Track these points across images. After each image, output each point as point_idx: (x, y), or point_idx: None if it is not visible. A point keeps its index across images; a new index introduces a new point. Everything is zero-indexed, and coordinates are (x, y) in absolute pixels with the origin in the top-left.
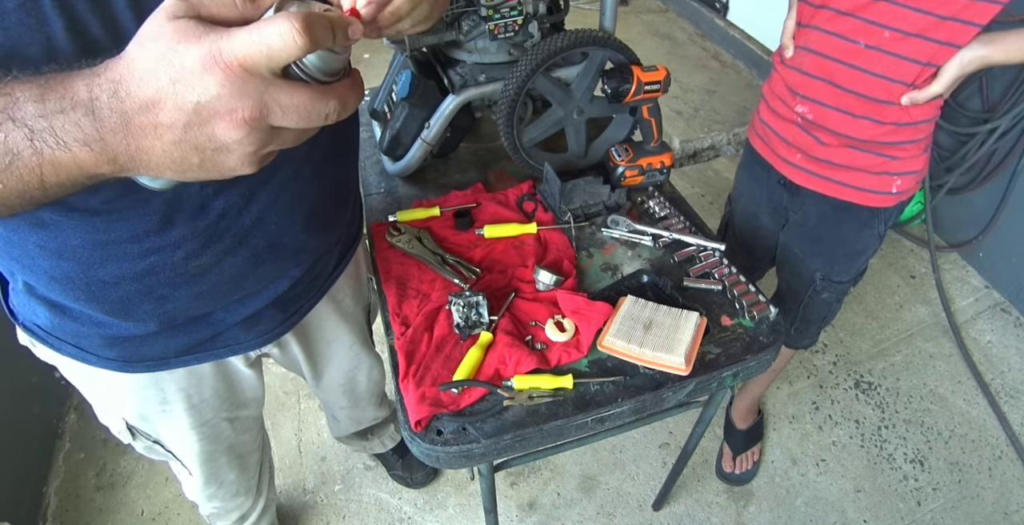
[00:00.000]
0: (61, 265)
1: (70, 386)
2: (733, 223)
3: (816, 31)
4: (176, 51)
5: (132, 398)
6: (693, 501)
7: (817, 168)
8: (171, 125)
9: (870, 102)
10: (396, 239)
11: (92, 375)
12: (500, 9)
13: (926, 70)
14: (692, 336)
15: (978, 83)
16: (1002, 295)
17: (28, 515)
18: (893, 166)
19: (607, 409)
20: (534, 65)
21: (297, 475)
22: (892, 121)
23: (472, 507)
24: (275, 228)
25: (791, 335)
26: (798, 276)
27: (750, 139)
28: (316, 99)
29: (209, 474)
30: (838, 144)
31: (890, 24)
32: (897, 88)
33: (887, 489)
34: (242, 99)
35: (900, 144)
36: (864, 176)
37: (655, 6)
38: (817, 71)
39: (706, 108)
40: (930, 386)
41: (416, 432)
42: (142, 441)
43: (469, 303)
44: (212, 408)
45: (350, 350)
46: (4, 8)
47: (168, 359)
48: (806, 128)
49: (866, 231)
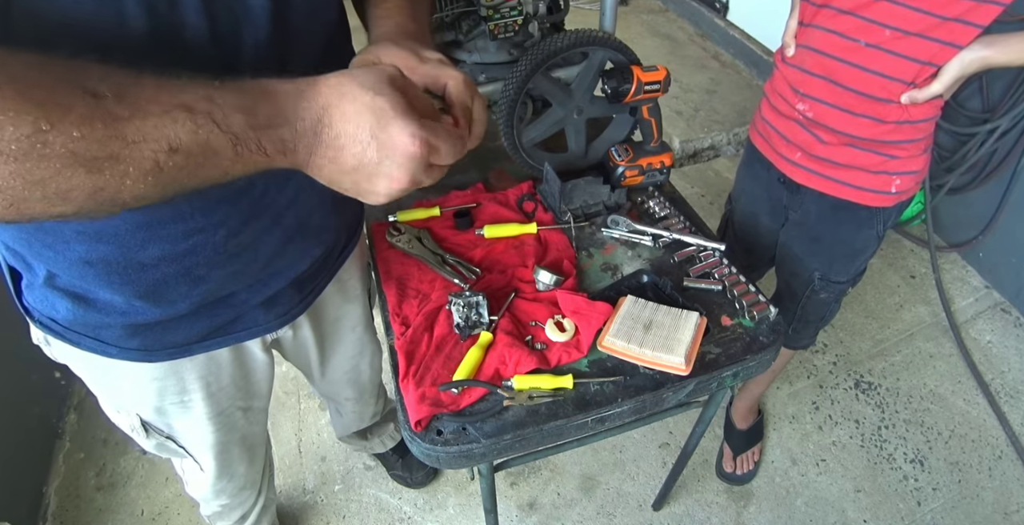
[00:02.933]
0: (99, 248)
1: (70, 386)
2: (733, 222)
3: (817, 30)
4: (389, 117)
5: (151, 390)
6: (693, 501)
7: (817, 166)
8: (344, 165)
9: (870, 100)
10: (396, 239)
11: (109, 369)
12: (500, 9)
13: (925, 69)
14: (692, 336)
15: (978, 83)
16: (1002, 295)
17: (28, 515)
18: (892, 165)
19: (607, 409)
20: (534, 65)
21: (297, 475)
22: (892, 120)
23: (472, 507)
24: (307, 208)
25: (789, 335)
26: (796, 276)
27: (751, 137)
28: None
29: (222, 467)
30: (838, 142)
31: (891, 23)
32: (896, 87)
33: (887, 489)
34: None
35: (900, 143)
36: (863, 175)
37: (655, 6)
38: (818, 69)
39: (706, 108)
40: (930, 386)
41: (416, 432)
42: (155, 438)
43: (469, 303)
44: (228, 397)
45: (353, 332)
46: None
47: (190, 345)
48: (806, 126)
49: (865, 231)
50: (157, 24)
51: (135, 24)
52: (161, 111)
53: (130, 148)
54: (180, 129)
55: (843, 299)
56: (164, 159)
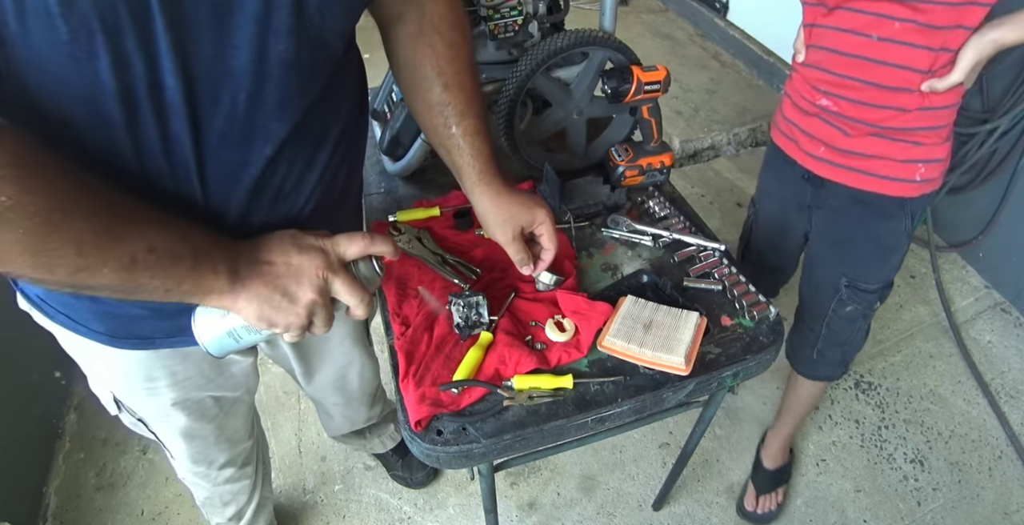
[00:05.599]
0: None
1: (70, 386)
2: (758, 224)
3: (829, 30)
4: (301, 236)
5: (120, 373)
6: (693, 501)
7: (841, 159)
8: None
9: (889, 91)
10: (396, 239)
11: (84, 346)
12: (500, 9)
13: (941, 56)
14: (692, 336)
15: (978, 83)
16: (1002, 295)
17: (28, 515)
18: (917, 153)
19: (607, 409)
20: (534, 65)
21: (297, 475)
22: (913, 108)
23: (472, 507)
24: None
25: (812, 360)
26: (823, 285)
27: (773, 137)
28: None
29: (196, 453)
30: (861, 133)
31: (899, 15)
32: (914, 76)
33: (887, 489)
34: (327, 263)
35: (922, 130)
36: (888, 164)
37: (655, 6)
38: (834, 66)
39: (706, 108)
40: (930, 386)
41: (416, 432)
42: (127, 416)
43: (469, 303)
44: (196, 386)
45: (341, 345)
46: (58, 39)
47: (155, 339)
48: (829, 120)
49: (892, 224)
50: (127, 84)
51: (107, 82)
52: (148, 220)
53: (118, 243)
54: (158, 236)
55: (870, 320)
56: (142, 257)
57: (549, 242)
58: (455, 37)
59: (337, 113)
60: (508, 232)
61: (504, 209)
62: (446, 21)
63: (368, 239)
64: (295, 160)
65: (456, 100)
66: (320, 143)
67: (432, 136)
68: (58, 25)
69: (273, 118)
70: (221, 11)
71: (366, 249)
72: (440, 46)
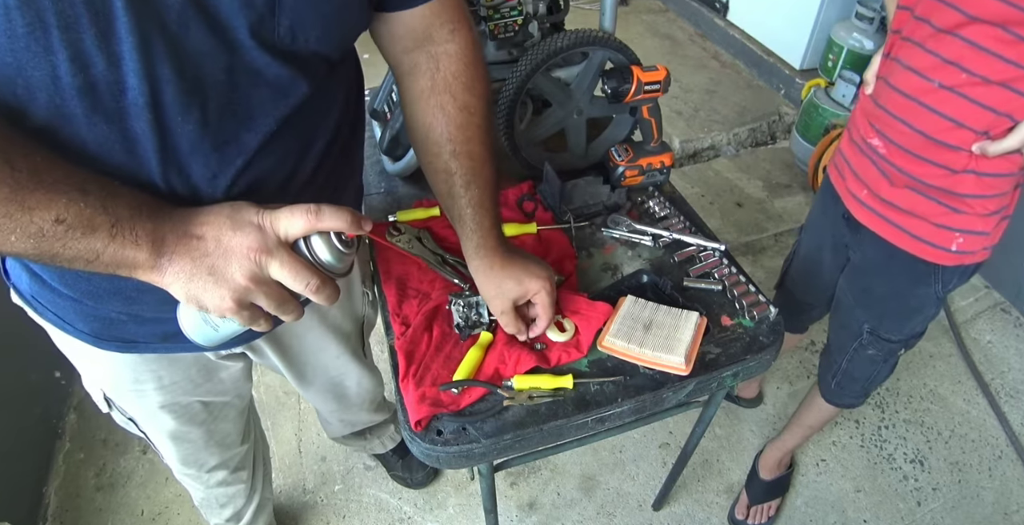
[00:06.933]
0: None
1: (70, 386)
2: (798, 256)
3: (898, 64)
4: (241, 209)
5: (107, 373)
6: (693, 501)
7: (879, 207)
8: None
9: (937, 145)
10: (396, 239)
11: (72, 344)
12: (500, 9)
13: (1001, 121)
14: (692, 336)
15: None
16: (1002, 295)
17: (28, 515)
18: (955, 220)
19: (607, 409)
20: (534, 65)
21: (297, 475)
22: (960, 169)
23: (472, 507)
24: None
25: (832, 389)
26: (846, 327)
27: (828, 168)
28: (307, 269)
29: (185, 455)
30: (902, 184)
31: (967, 66)
32: (967, 134)
33: (887, 489)
34: (262, 243)
35: (965, 197)
36: (923, 225)
37: (655, 6)
38: (892, 106)
39: (706, 108)
40: (930, 386)
41: (416, 432)
42: (118, 414)
43: (469, 303)
44: (183, 390)
45: (336, 360)
46: (15, 32)
47: (138, 343)
48: (877, 163)
49: (921, 288)
50: (89, 81)
51: (66, 77)
52: (62, 189)
53: (24, 212)
54: (70, 206)
55: (895, 362)
56: (48, 227)
57: (543, 311)
58: (468, 100)
59: (323, 124)
60: (498, 306)
61: (495, 284)
62: (460, 81)
63: (314, 212)
64: (274, 170)
65: (463, 169)
66: (304, 154)
67: (437, 195)
68: (15, 17)
69: (244, 128)
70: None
71: (312, 225)
72: (451, 109)
